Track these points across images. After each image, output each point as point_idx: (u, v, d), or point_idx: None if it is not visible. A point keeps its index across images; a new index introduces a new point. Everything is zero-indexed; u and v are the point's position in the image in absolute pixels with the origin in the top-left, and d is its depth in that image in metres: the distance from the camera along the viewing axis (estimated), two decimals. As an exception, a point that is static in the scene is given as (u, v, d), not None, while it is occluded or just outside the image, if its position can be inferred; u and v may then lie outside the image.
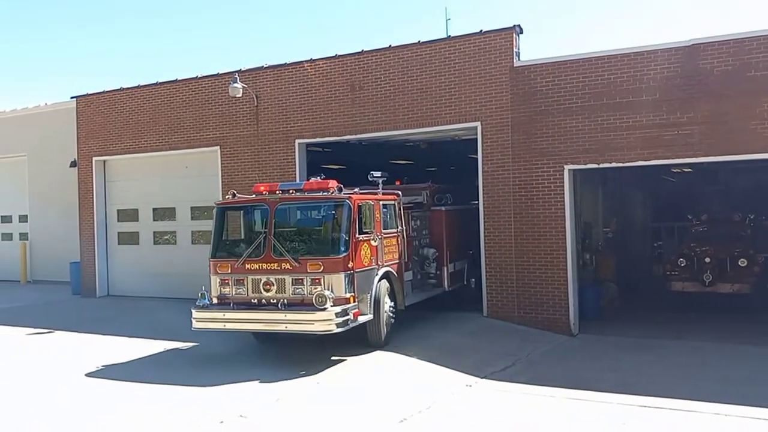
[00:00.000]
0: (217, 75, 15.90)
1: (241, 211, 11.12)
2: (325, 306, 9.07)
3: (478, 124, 12.80)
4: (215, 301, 9.96)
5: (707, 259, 13.66)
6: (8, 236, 22.60)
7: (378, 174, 11.09)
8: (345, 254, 9.51)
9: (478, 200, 12.94)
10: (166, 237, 17.57)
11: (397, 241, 11.24)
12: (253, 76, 15.24)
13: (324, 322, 9.12)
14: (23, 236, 21.79)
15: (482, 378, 9.05)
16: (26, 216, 21.72)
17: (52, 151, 20.11)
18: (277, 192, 10.20)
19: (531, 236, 12.32)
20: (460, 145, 14.94)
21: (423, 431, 7.09)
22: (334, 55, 14.44)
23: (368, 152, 15.78)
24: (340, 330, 9.17)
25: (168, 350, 10.88)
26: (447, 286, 12.88)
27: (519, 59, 12.66)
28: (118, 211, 18.08)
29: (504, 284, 12.54)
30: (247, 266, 9.76)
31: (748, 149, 10.98)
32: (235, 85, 14.43)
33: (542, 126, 12.29)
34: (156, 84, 16.93)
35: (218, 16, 59.83)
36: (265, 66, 15.36)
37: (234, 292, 9.85)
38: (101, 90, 17.89)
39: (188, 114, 16.31)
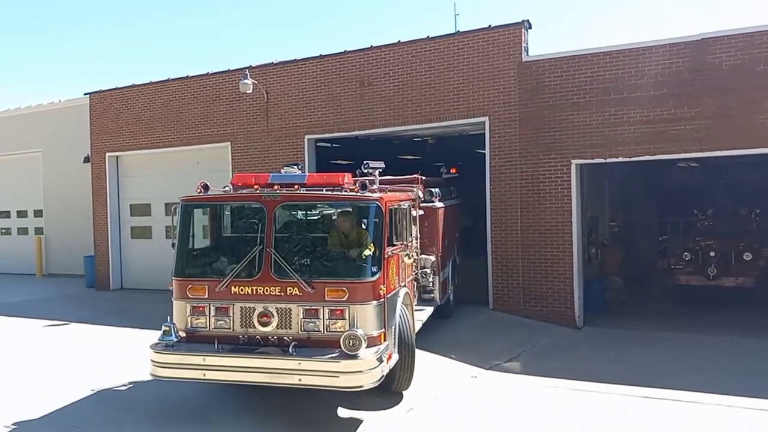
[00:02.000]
0: (228, 71, 16.09)
1: (221, 212, 8.39)
2: (358, 352, 6.51)
3: (486, 119, 12.92)
4: (182, 336, 7.13)
5: (712, 253, 13.74)
6: (24, 231, 23.00)
7: (375, 165, 8.62)
8: (377, 276, 6.92)
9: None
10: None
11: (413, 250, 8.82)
12: (264, 73, 15.42)
13: (356, 374, 6.48)
14: (38, 231, 22.18)
15: (487, 369, 9.20)
16: (41, 211, 22.10)
17: (66, 147, 20.43)
18: (276, 188, 7.37)
19: (537, 230, 12.45)
20: (468, 140, 15.06)
21: (429, 421, 7.24)
22: (343, 51, 14.59)
23: (376, 148, 15.94)
24: (374, 385, 6.60)
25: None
26: (439, 299, 10.99)
27: (527, 54, 12.76)
28: (130, 205, 18.38)
29: (510, 277, 12.68)
30: (235, 289, 6.95)
31: (755, 144, 11.02)
32: (246, 81, 14.61)
33: (550, 121, 12.39)
34: (168, 80, 17.14)
35: (229, 13, 60.07)
36: (275, 62, 15.54)
37: (212, 326, 7.03)
38: (114, 87, 18.14)
39: (199, 110, 16.52)
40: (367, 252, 7.03)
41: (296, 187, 7.37)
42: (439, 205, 11.25)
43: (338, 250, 7.45)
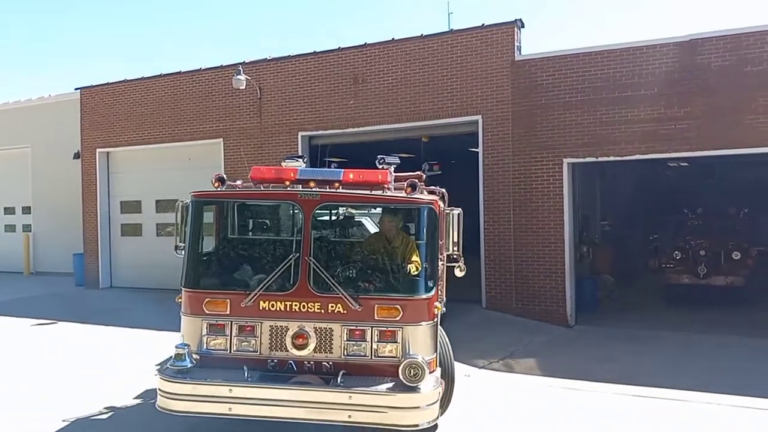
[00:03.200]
0: (221, 67, 16.03)
1: (239, 211, 7.59)
2: (419, 384, 5.51)
3: (479, 117, 12.96)
4: (196, 361, 5.90)
5: (702, 252, 13.87)
6: (11, 228, 22.76)
7: (391, 160, 7.31)
8: (433, 293, 6.03)
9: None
10: (169, 229, 17.68)
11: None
12: (257, 69, 15.38)
13: (413, 411, 5.51)
14: (26, 228, 21.96)
15: (480, 368, 9.24)
16: (29, 207, 21.90)
17: (56, 143, 20.22)
18: (312, 185, 6.18)
19: (530, 229, 12.50)
20: (462, 138, 15.08)
21: (423, 419, 7.25)
22: (337, 48, 14.57)
23: (370, 145, 15.90)
24: (431, 425, 5.65)
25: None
26: (444, 305, 9.96)
27: (520, 53, 12.81)
28: (121, 202, 18.25)
29: (502, 276, 12.73)
30: (264, 305, 5.89)
31: (743, 143, 11.13)
32: (239, 77, 14.57)
33: (542, 120, 12.45)
34: (160, 76, 17.05)
35: (221, 9, 59.79)
36: (268, 58, 15.50)
37: (234, 348, 5.94)
38: (105, 82, 18.03)
39: (192, 106, 16.44)
40: (421, 263, 6.13)
41: (336, 185, 6.27)
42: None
43: (384, 260, 6.35)
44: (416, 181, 6.33)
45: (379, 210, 8.12)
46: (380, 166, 6.73)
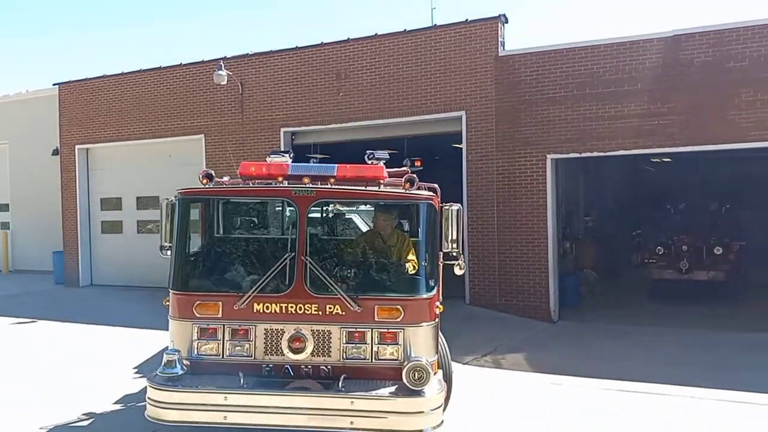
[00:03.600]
0: (202, 62, 15.88)
1: (231, 209, 7.42)
2: (424, 387, 5.33)
3: (462, 113, 12.92)
4: (186, 367, 5.63)
5: (684, 248, 13.95)
6: (-11, 225, 22.39)
7: (381, 155, 6.77)
8: (434, 292, 5.86)
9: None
10: (149, 226, 17.54)
11: None
12: (238, 64, 15.24)
13: (417, 416, 5.33)
14: (4, 225, 21.63)
15: (464, 364, 9.19)
16: (7, 205, 21.57)
17: (34, 139, 19.96)
18: (306, 181, 5.92)
19: (513, 225, 12.49)
20: (445, 135, 15.02)
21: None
22: (319, 43, 14.47)
23: (351, 145, 15.79)
24: (438, 428, 5.43)
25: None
26: None
27: (504, 49, 12.80)
28: (101, 199, 18.06)
29: (486, 272, 12.71)
30: (258, 307, 5.66)
31: (725, 139, 11.21)
32: (220, 72, 14.42)
33: (526, 115, 12.44)
34: (140, 71, 16.85)
35: (203, 3, 59.30)
36: (250, 54, 15.36)
37: (227, 353, 5.70)
38: (84, 77, 17.78)
39: (172, 102, 16.27)
40: (419, 262, 5.96)
41: (331, 181, 5.99)
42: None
43: (382, 258, 6.10)
44: (414, 176, 6.02)
45: (369, 206, 7.83)
46: (369, 162, 6.39)
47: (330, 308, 5.61)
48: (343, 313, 5.59)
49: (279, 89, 14.84)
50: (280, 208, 7.61)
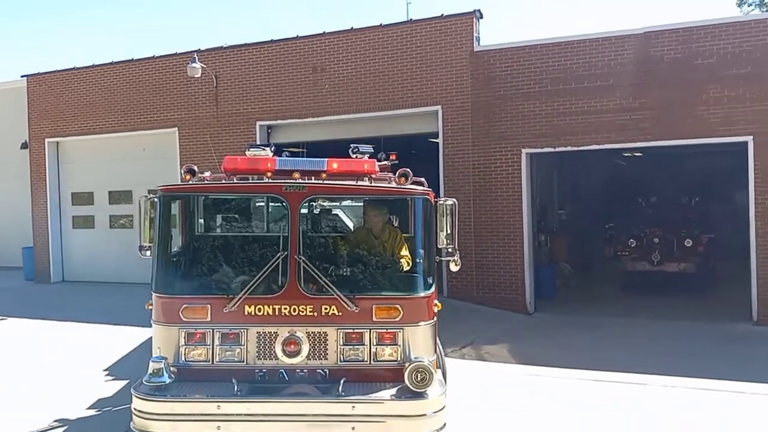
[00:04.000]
0: (175, 55, 15.70)
1: (216, 206, 7.22)
2: (426, 389, 5.17)
3: (439, 107, 13.00)
4: (173, 374, 5.30)
5: (656, 240, 14.25)
6: (-45, 220, 21.84)
7: (365, 149, 6.71)
8: (432, 290, 5.70)
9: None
10: (122, 221, 17.33)
11: None
12: (213, 57, 15.10)
13: (419, 420, 5.16)
14: (-29, 220, 21.11)
15: (444, 357, 9.27)
16: (-26, 200, 21.04)
17: (2, 132, 19.50)
18: (296, 177, 5.66)
19: (489, 218, 12.63)
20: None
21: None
22: (295, 36, 14.41)
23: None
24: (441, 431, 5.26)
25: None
26: None
27: (479, 44, 12.89)
28: (72, 194, 17.75)
29: (464, 265, 12.67)
30: (249, 309, 5.41)
31: (695, 134, 11.47)
32: (194, 65, 14.27)
33: (501, 110, 12.56)
34: (112, 63, 16.61)
35: (171, -7, 58.40)
36: (224, 46, 15.23)
37: (218, 358, 5.43)
38: (54, 69, 17.45)
39: (145, 95, 16.06)
40: (413, 258, 5.79)
41: (323, 175, 5.77)
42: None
43: (377, 256, 5.91)
44: (408, 170, 5.83)
45: (353, 201, 7.67)
46: (354, 156, 6.25)
47: (326, 309, 5.38)
48: (340, 313, 5.37)
49: (254, 82, 14.74)
50: (264, 204, 7.39)
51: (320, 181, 5.74)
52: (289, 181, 5.56)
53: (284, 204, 5.55)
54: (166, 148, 15.91)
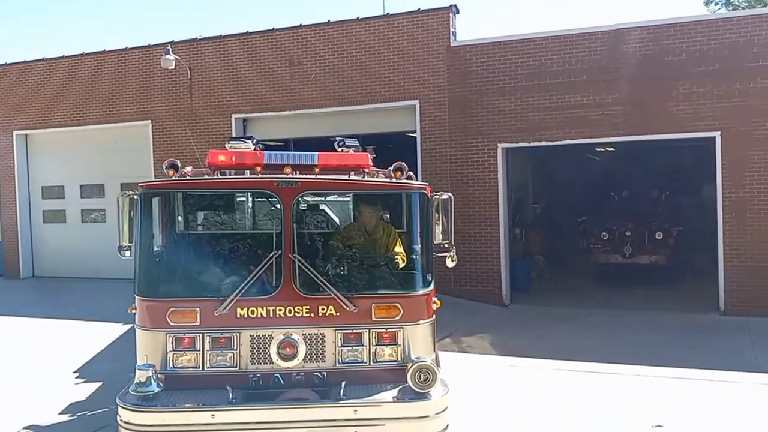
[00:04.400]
0: (149, 46, 15.49)
1: (201, 203, 6.98)
2: (429, 389, 5.03)
3: (416, 102, 13.06)
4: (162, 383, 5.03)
5: (627, 233, 14.50)
6: None
7: (351, 141, 6.33)
8: (431, 287, 5.58)
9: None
10: (94, 215, 17.08)
11: None
12: (187, 48, 14.93)
13: (421, 422, 5.03)
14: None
15: (423, 348, 9.37)
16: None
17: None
18: (287, 170, 5.43)
19: (466, 212, 12.73)
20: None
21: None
22: (271, 28, 14.32)
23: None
24: None
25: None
26: None
27: (455, 39, 12.97)
28: (42, 188, 17.41)
29: (441, 258, 12.88)
30: (242, 312, 5.18)
31: (665, 129, 11.71)
32: (168, 56, 14.09)
33: (477, 105, 12.67)
34: (83, 55, 16.30)
35: (140, -16, 57.36)
36: (199, 38, 15.06)
37: (208, 364, 5.18)
38: (22, 60, 17.06)
39: (118, 87, 15.82)
40: (408, 255, 5.64)
41: (316, 170, 5.58)
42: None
43: (373, 253, 5.76)
44: (403, 164, 5.70)
45: (337, 196, 7.55)
46: (339, 149, 6.02)
47: (323, 309, 5.19)
48: (338, 314, 5.19)
49: (230, 75, 14.62)
50: (248, 200, 7.21)
51: (314, 176, 5.52)
52: (281, 176, 5.32)
53: (276, 200, 5.33)
54: (139, 141, 15.70)
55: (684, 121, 11.48)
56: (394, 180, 5.64)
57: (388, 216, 6.93)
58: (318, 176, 5.55)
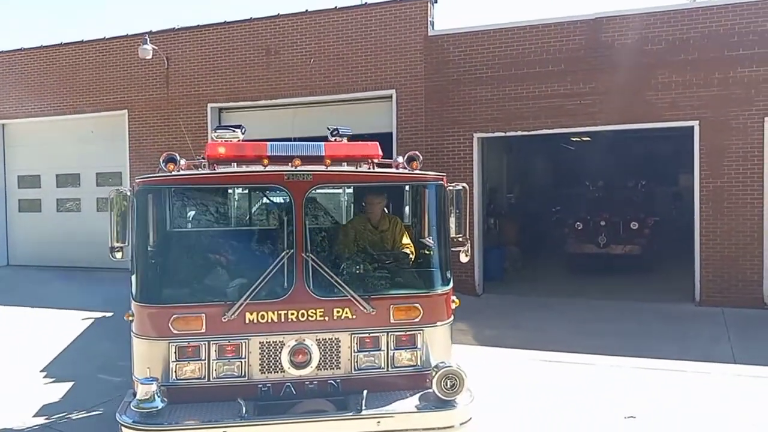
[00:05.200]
0: (126, 36, 15.36)
1: (203, 200, 6.59)
2: (455, 397, 4.74)
3: (393, 91, 13.02)
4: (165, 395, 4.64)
5: (602, 223, 14.51)
6: None
7: (345, 130, 5.93)
8: (450, 285, 5.27)
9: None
10: (69, 204, 16.94)
11: None
12: (164, 38, 14.79)
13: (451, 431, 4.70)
14: None
15: (396, 338, 9.38)
16: None
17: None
18: (296, 162, 4.93)
19: (442, 201, 12.71)
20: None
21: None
22: (248, 18, 14.19)
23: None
24: None
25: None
26: None
27: (433, 28, 12.92)
28: (18, 177, 17.31)
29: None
30: (250, 317, 4.79)
31: (643, 118, 11.71)
32: (145, 46, 13.97)
33: (454, 95, 12.64)
34: (60, 45, 16.15)
35: (120, -30, 56.47)
36: (176, 28, 14.92)
37: (215, 375, 4.80)
38: (-3, 49, 16.83)
39: (94, 76, 15.68)
40: (431, 251, 5.27)
41: (327, 162, 5.09)
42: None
43: (387, 249, 5.40)
44: (417, 153, 5.48)
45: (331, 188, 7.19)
46: (332, 138, 5.67)
47: (338, 312, 4.82)
48: (354, 316, 4.84)
49: (206, 64, 14.50)
50: (246, 195, 6.80)
51: (326, 169, 5.06)
52: (289, 169, 4.89)
53: (286, 195, 4.94)
54: (115, 130, 15.58)
55: (662, 110, 11.48)
56: (409, 171, 5.33)
57: (389, 208, 6.59)
58: (330, 168, 5.10)
